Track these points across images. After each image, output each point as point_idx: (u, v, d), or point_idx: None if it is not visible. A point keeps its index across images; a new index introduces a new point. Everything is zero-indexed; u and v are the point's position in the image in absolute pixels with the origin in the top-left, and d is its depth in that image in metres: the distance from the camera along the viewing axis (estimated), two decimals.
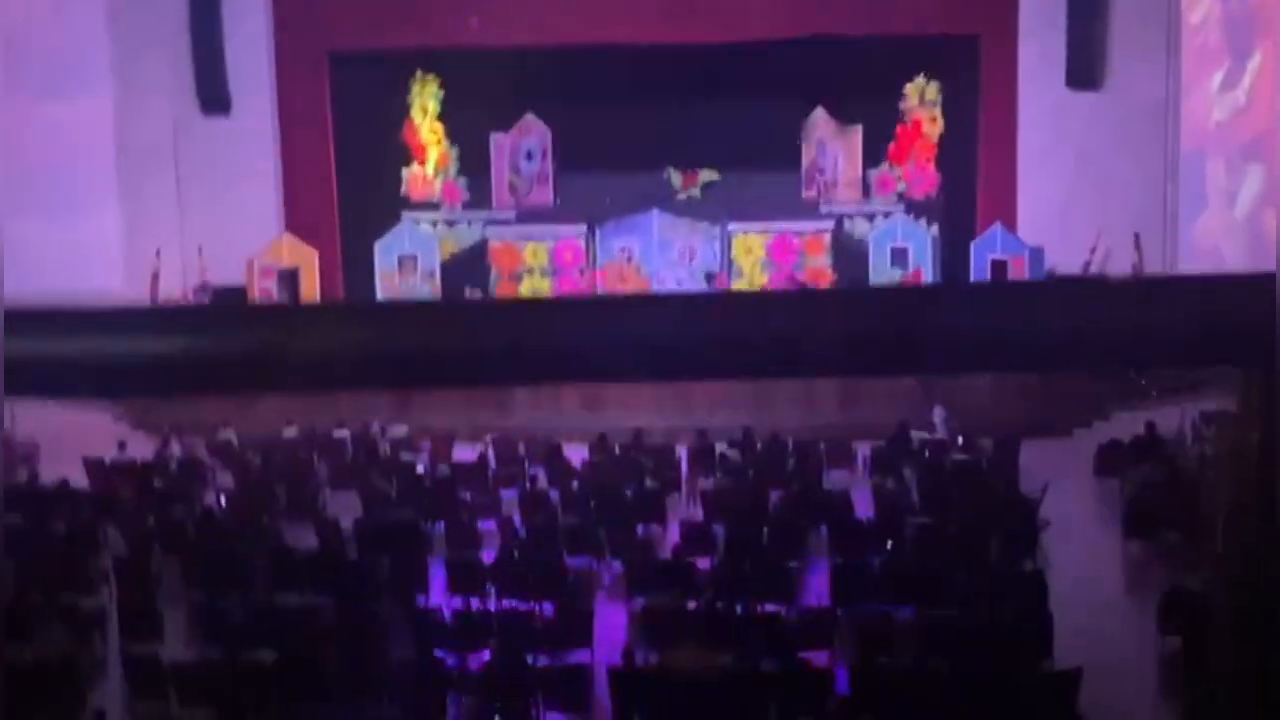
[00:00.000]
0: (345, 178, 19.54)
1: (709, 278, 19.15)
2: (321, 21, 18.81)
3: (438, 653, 8.79)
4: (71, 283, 18.32)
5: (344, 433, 15.13)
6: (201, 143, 18.78)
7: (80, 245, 18.60)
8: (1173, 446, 12.93)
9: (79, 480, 12.56)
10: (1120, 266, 17.49)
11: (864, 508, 11.66)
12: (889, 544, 10.55)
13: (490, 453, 14.25)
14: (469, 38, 19.11)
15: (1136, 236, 17.23)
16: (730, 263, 20.17)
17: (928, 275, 19.09)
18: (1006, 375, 15.90)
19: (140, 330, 2.35)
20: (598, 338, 2.32)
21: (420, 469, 13.41)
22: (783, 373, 2.32)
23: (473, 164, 21.03)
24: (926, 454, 13.52)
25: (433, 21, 18.72)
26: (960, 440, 13.92)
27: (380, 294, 19.68)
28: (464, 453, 14.50)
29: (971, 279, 17.87)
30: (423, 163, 20.73)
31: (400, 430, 15.16)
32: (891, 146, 20.02)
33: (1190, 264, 17.21)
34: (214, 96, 18.64)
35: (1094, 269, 17.52)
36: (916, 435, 14.17)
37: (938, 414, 14.54)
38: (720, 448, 13.82)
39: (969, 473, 12.65)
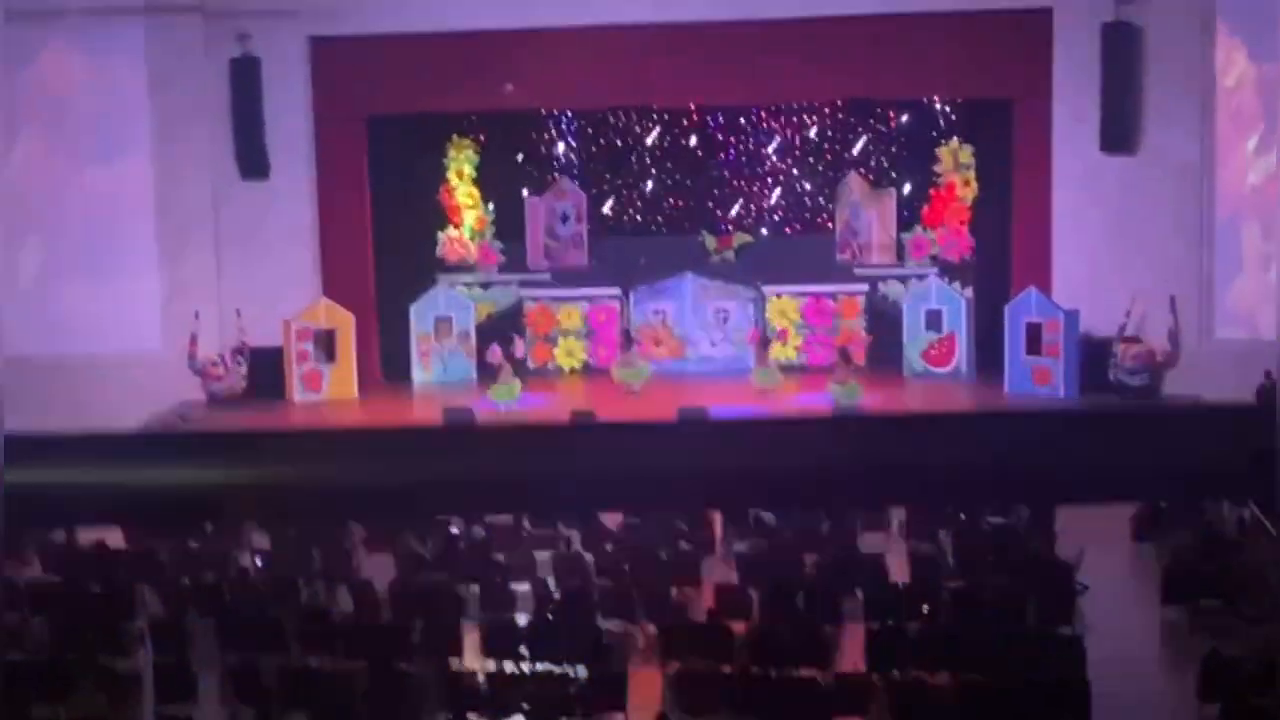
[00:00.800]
0: (382, 241, 19.67)
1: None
2: (360, 87, 18.98)
3: (471, 716, 8.77)
4: (111, 345, 18.50)
5: None
6: (241, 207, 18.94)
7: (121, 308, 18.75)
8: (1211, 512, 12.83)
9: (115, 541, 12.60)
10: (1156, 330, 17.42)
11: (899, 572, 11.59)
12: (925, 609, 10.48)
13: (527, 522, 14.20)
14: (505, 102, 19.27)
15: (1172, 300, 17.15)
16: (766, 324, 20.15)
17: (962, 338, 19.07)
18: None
19: (111, 458, 2.37)
20: (571, 468, 2.35)
21: (454, 530, 13.41)
22: (760, 503, 2.35)
23: (508, 227, 21.15)
24: (962, 517, 13.44)
25: (469, 87, 18.85)
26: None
27: (415, 356, 19.79)
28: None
29: (1006, 341, 17.81)
30: (459, 225, 20.84)
31: None
32: (925, 210, 20.03)
33: (1225, 329, 17.14)
34: (253, 161, 18.81)
35: (1129, 332, 17.45)
36: None
37: None
38: (755, 510, 13.77)
39: (1005, 536, 12.57)
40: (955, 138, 19.92)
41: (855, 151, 20.64)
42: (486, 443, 2.36)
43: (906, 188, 20.35)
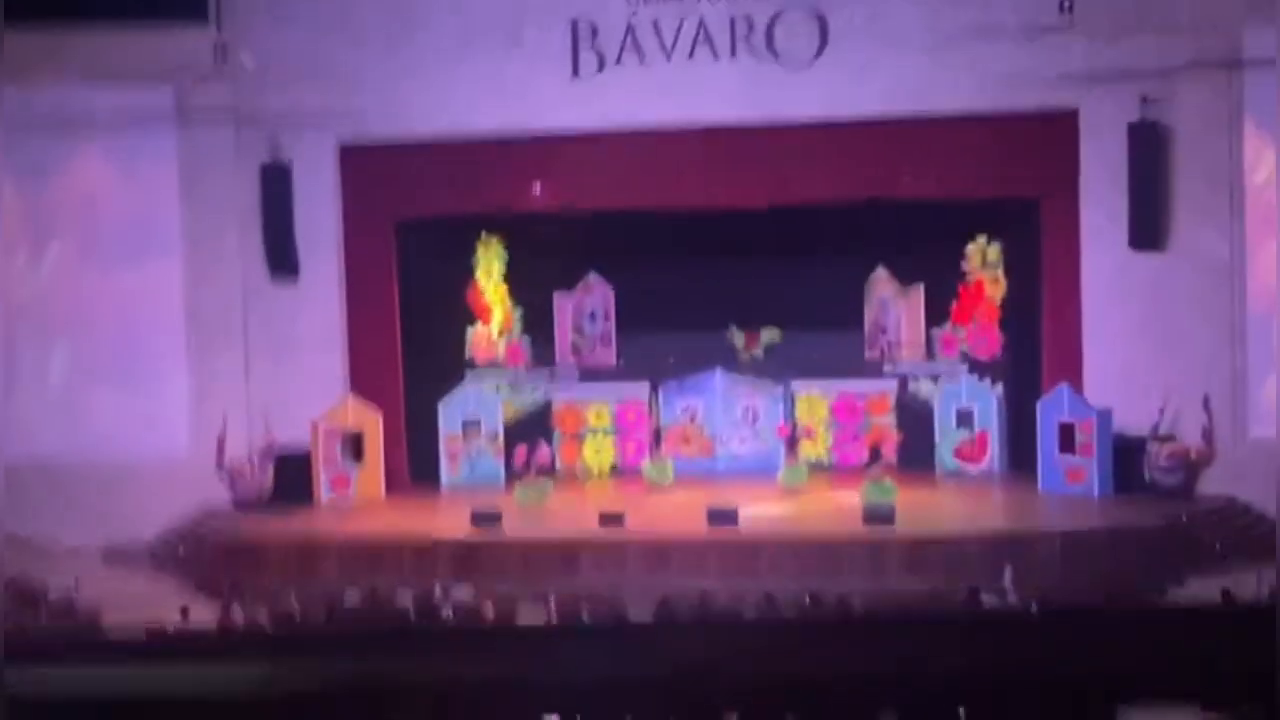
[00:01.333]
0: (410, 340, 19.71)
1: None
2: (388, 192, 19.13)
3: None
4: (139, 448, 18.52)
5: (406, 595, 15.06)
6: (270, 309, 19.04)
7: (149, 411, 18.79)
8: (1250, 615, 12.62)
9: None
10: (1190, 429, 17.28)
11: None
12: (961, 712, 10.31)
13: (554, 615, 14.09)
14: (532, 202, 19.35)
15: (1206, 399, 17.04)
16: (794, 422, 20.06)
17: (994, 436, 18.99)
18: (1078, 537, 15.69)
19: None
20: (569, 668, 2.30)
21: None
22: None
23: (536, 324, 21.19)
24: (998, 620, 13.25)
25: (496, 189, 18.99)
26: (1033, 607, 13.64)
27: (444, 457, 19.77)
28: (528, 614, 14.36)
29: (1039, 439, 17.69)
30: (487, 324, 20.88)
31: (464, 592, 15.07)
32: (954, 307, 19.99)
33: (1259, 427, 16.98)
34: (283, 264, 18.93)
35: (1163, 431, 17.31)
36: (987, 599, 13.90)
37: (1008, 576, 14.30)
38: (787, 612, 13.62)
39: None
40: (983, 235, 19.90)
41: (883, 249, 20.62)
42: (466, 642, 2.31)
43: (935, 284, 20.31)
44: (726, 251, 21.05)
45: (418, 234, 19.76)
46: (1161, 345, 17.58)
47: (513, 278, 21.11)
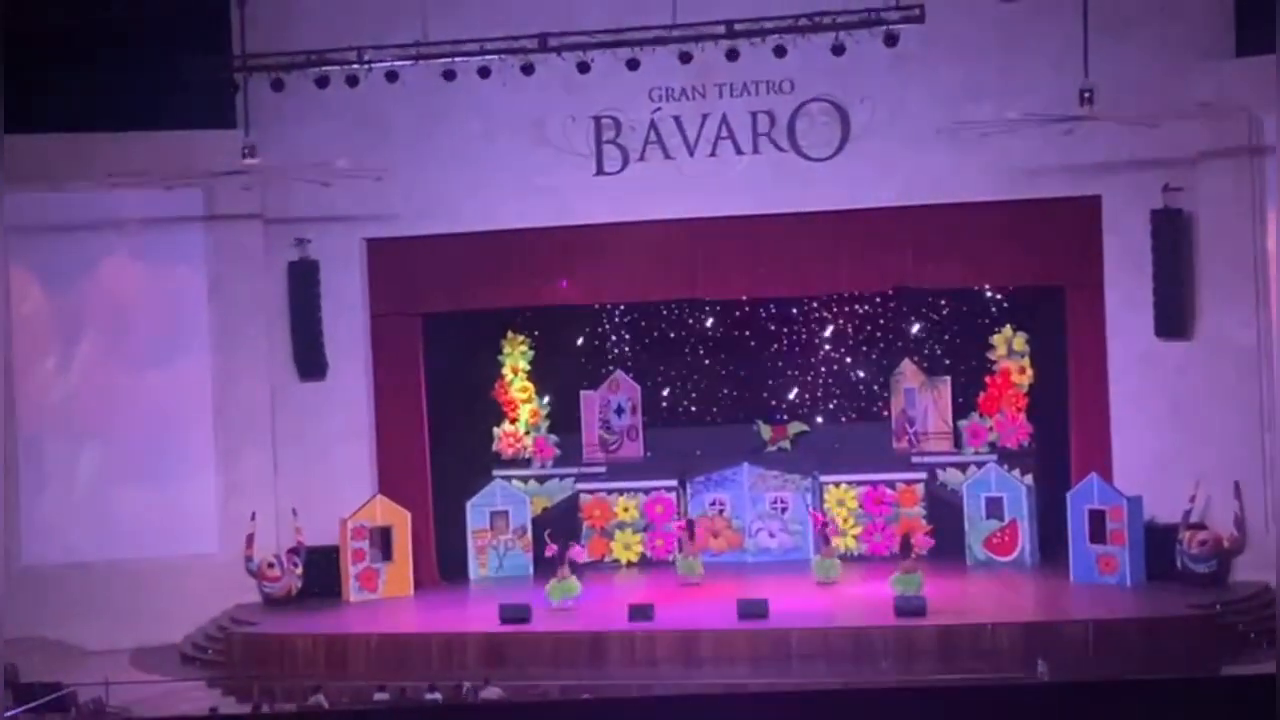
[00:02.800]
0: (438, 437, 19.78)
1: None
2: (414, 286, 19.31)
3: None
4: (168, 548, 18.55)
5: (435, 696, 15.04)
6: (298, 406, 19.15)
7: (178, 510, 18.84)
8: None
9: None
10: (1221, 516, 17.19)
11: None
12: None
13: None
14: (558, 298, 19.52)
15: (1237, 485, 16.95)
16: (824, 515, 19.97)
17: (1024, 526, 18.90)
18: (1111, 626, 15.59)
19: None
20: None
21: None
22: None
23: (563, 420, 21.21)
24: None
25: (521, 283, 19.16)
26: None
27: (472, 552, 19.76)
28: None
29: (1069, 529, 17.62)
30: (514, 420, 20.94)
31: (492, 693, 15.04)
32: (981, 397, 19.97)
33: None
34: (311, 361, 19.07)
35: (1194, 518, 17.23)
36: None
37: (1041, 667, 14.23)
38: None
39: None
40: (1009, 324, 19.92)
41: (909, 339, 20.69)
42: None
43: (962, 375, 20.30)
44: (752, 344, 21.19)
45: (445, 330, 19.90)
46: (1191, 433, 17.52)
47: (539, 374, 21.20)
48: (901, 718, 2.40)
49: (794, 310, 20.95)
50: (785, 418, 21.02)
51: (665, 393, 21.49)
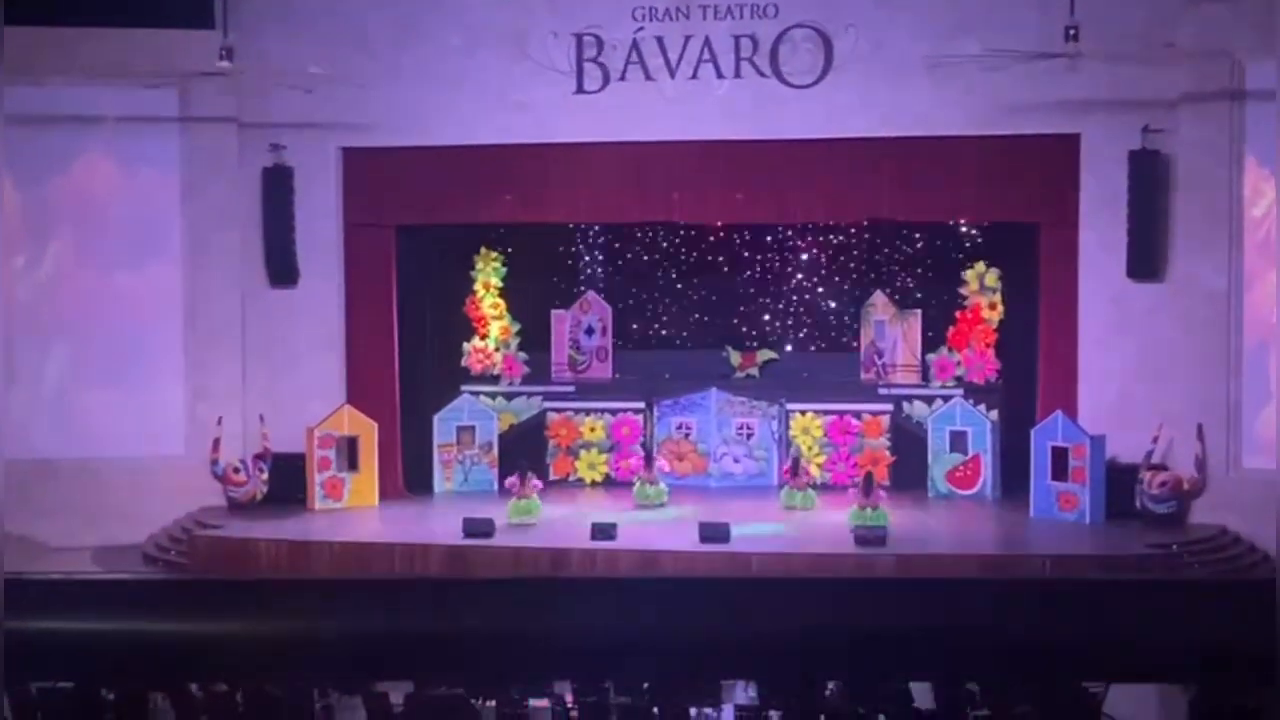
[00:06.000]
0: (408, 350, 19.70)
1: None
2: (389, 197, 19.13)
3: None
4: (135, 449, 18.46)
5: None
6: (269, 314, 19.04)
7: (145, 412, 18.75)
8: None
9: None
10: (1183, 458, 17.26)
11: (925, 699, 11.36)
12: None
13: None
14: (532, 215, 19.38)
15: (1199, 428, 17.01)
16: (788, 443, 20.03)
17: (987, 460, 18.95)
18: (1067, 562, 15.66)
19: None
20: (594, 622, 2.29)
21: None
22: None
23: (533, 339, 21.17)
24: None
25: (496, 200, 18.99)
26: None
27: (438, 466, 19.76)
28: None
29: (1031, 465, 17.67)
30: (484, 337, 20.88)
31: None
32: (951, 331, 19.97)
33: (1253, 458, 16.95)
34: (283, 269, 18.93)
35: (1156, 459, 17.29)
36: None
37: None
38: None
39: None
40: (981, 261, 19.91)
41: (882, 271, 20.66)
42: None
43: (932, 309, 20.31)
44: (725, 270, 21.13)
45: (418, 243, 19.82)
46: (1157, 374, 17.56)
47: (511, 292, 21.13)
48: (859, 604, 2.35)
49: (768, 238, 20.90)
50: (755, 345, 21.00)
51: (636, 315, 21.45)
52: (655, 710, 10.84)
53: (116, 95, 18.44)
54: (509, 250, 21.07)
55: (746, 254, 21.08)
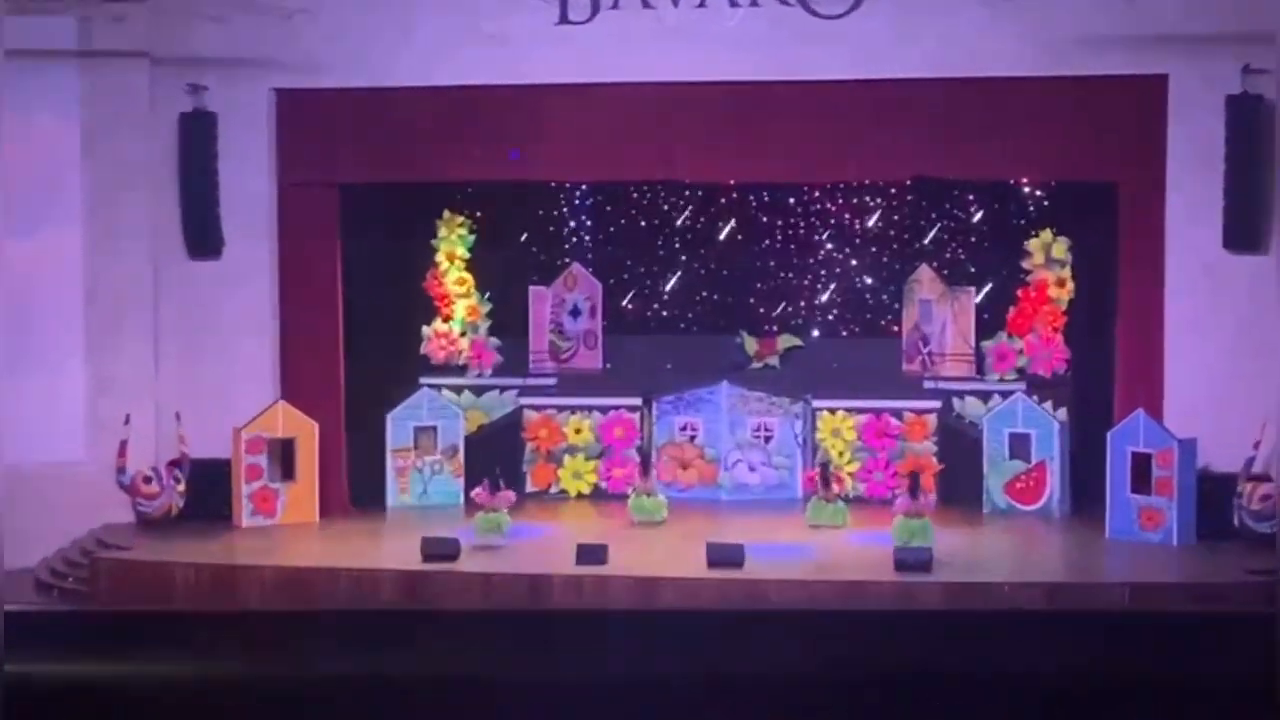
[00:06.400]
0: (355, 334, 19.72)
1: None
2: (333, 151, 19.12)
3: None
4: (27, 453, 18.34)
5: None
6: (186, 290, 19.02)
7: (37, 409, 18.62)
8: None
9: None
10: None
11: None
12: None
13: None
14: (507, 173, 19.35)
15: None
16: (814, 447, 20.03)
17: (1054, 469, 18.93)
18: (1149, 591, 15.66)
19: None
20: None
21: None
22: None
23: (508, 321, 21.19)
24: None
25: (463, 154, 18.95)
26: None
27: (391, 475, 19.78)
28: None
29: (1108, 474, 17.66)
30: (448, 318, 20.88)
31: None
32: (1011, 313, 19.97)
33: None
34: (204, 237, 18.89)
35: (1258, 468, 17.26)
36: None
37: None
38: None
39: None
40: (1048, 228, 19.89)
41: (927, 241, 20.67)
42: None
43: (988, 286, 20.34)
44: (739, 239, 21.12)
45: (368, 206, 19.79)
46: (1260, 365, 17.49)
47: (481, 265, 21.12)
48: (899, 643, 2.39)
49: (790, 200, 20.85)
50: (774, 329, 21.03)
51: (631, 293, 21.50)
52: None
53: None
54: (478, 214, 21.04)
55: (764, 220, 21.06)
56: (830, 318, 21.15)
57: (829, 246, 21.05)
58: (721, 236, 21.25)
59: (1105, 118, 18.18)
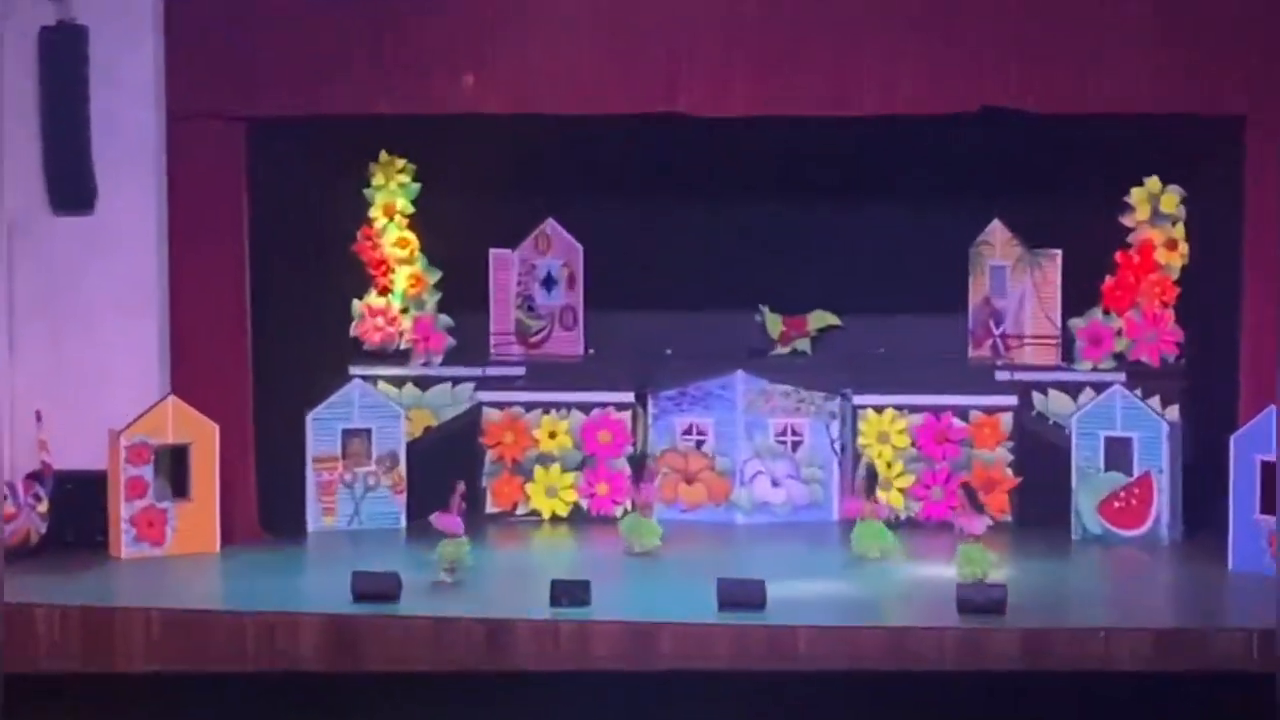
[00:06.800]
0: (266, 312, 19.60)
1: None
2: (238, 77, 19.02)
3: None
4: None
5: None
6: (49, 255, 18.97)
7: None
8: None
9: None
10: None
11: None
12: None
13: None
14: (461, 104, 19.21)
15: None
16: (856, 455, 19.96)
17: (1163, 483, 18.91)
18: None
19: None
20: None
21: None
22: None
23: (461, 294, 21.21)
24: None
25: (405, 79, 18.89)
26: None
27: (313, 491, 19.77)
28: None
29: (1230, 490, 17.58)
30: (385, 291, 20.86)
31: None
32: (1108, 283, 19.98)
33: None
34: (71, 186, 18.82)
35: None
36: None
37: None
38: None
39: None
40: (1155, 175, 19.91)
41: (1000, 190, 20.66)
42: None
43: (1078, 249, 20.36)
44: (759, 190, 21.05)
45: (282, 147, 19.70)
46: None
47: (427, 221, 21.13)
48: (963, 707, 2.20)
49: (821, 139, 20.68)
50: (804, 306, 21.07)
51: (620, 257, 21.46)
52: None
53: None
54: (423, 157, 21.01)
55: (791, 165, 20.95)
56: (874, 290, 21.11)
57: (872, 200, 21.02)
58: (734, 186, 21.18)
59: (1227, 38, 18.18)
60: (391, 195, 21.00)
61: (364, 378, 20.41)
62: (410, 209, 21.04)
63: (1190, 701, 14.55)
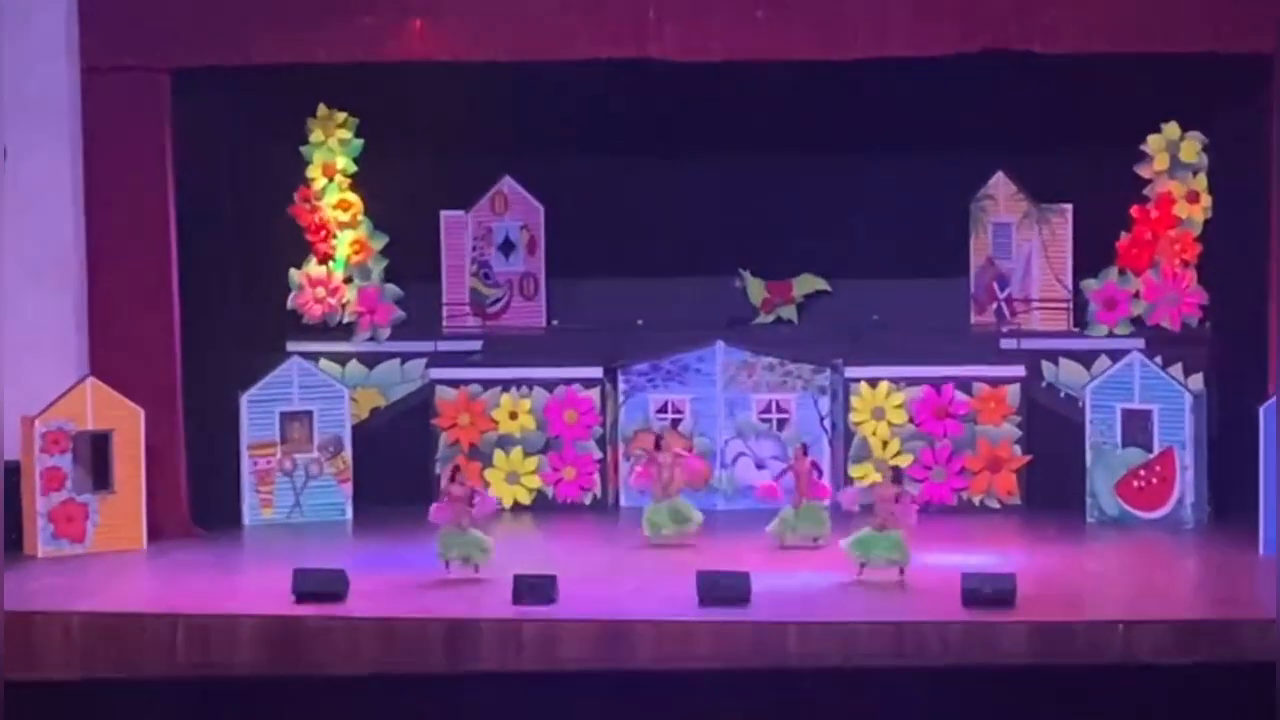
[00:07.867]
0: (195, 283, 19.58)
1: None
2: (161, 21, 19.00)
3: None
4: None
5: None
6: None
7: None
8: None
9: None
10: None
11: None
12: None
13: None
14: (407, 50, 19.18)
15: None
16: (847, 431, 20.00)
17: (1186, 459, 18.97)
18: None
19: None
20: None
21: None
22: None
23: (411, 262, 21.24)
24: None
25: (346, 24, 18.86)
26: None
27: (249, 481, 19.80)
28: None
29: (1261, 467, 17.64)
30: (325, 259, 20.86)
31: None
32: (1124, 240, 20.03)
33: None
34: None
35: None
36: None
37: None
38: None
39: None
40: (1174, 120, 19.95)
41: (1004, 140, 20.69)
42: None
43: (1091, 203, 20.45)
44: (738, 144, 21.06)
45: (210, 99, 19.66)
46: None
47: (371, 181, 21.12)
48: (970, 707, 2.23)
49: (809, 87, 20.68)
50: (789, 269, 21.16)
51: (586, 219, 21.50)
52: None
53: None
54: (366, 111, 21.00)
55: (775, 114, 20.96)
56: (866, 250, 21.16)
57: (862, 151, 21.02)
58: (711, 138, 21.15)
59: None
60: (331, 153, 20.96)
61: (304, 355, 20.41)
62: (352, 168, 20.99)
63: (1217, 699, 14.58)
